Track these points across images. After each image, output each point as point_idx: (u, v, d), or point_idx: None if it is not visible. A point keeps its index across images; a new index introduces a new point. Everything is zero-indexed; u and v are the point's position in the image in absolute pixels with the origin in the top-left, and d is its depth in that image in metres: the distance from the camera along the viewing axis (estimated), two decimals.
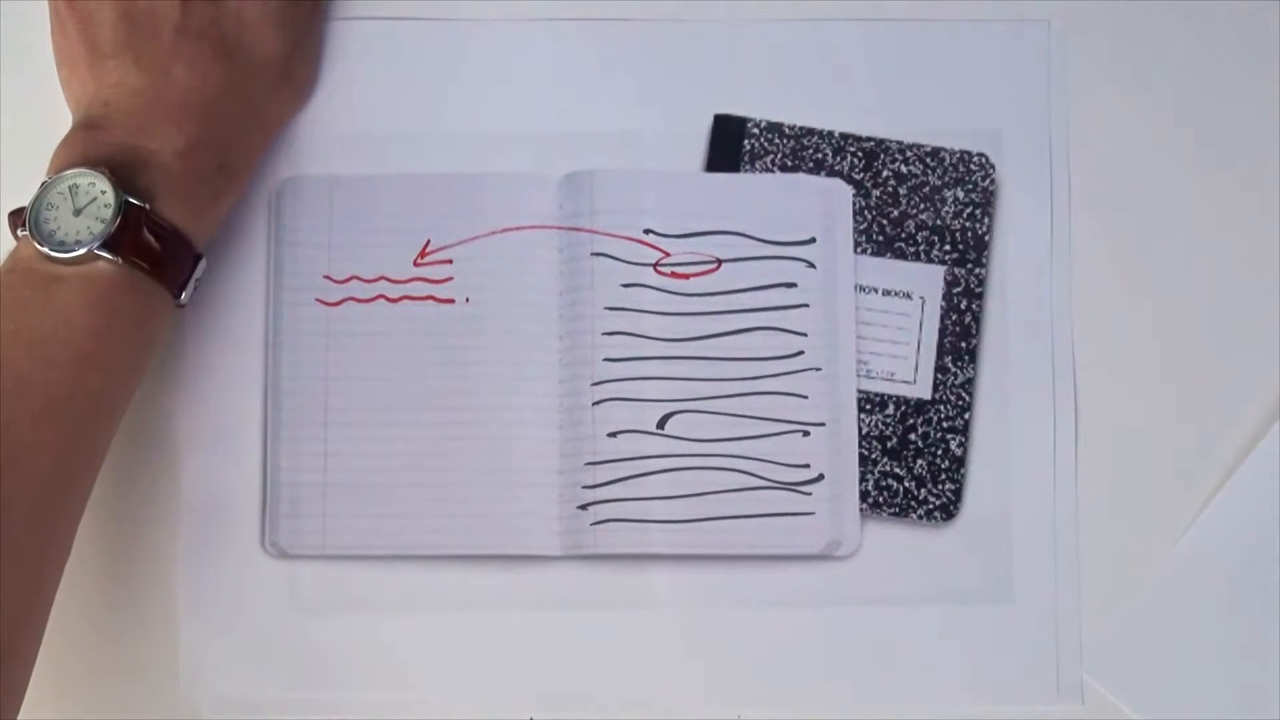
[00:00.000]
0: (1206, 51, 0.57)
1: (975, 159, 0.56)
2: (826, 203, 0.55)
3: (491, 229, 0.55)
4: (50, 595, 0.48)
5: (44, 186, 0.49)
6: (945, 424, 0.55)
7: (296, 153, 0.56)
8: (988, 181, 0.56)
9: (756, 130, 0.56)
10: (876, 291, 0.55)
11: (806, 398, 0.54)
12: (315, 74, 0.56)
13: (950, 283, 0.55)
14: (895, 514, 0.55)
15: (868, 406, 0.55)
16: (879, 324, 0.55)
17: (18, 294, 0.48)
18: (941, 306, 0.55)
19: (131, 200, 0.48)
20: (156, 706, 0.53)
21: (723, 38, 0.57)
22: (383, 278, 0.55)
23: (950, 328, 0.55)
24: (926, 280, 0.55)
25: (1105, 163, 0.56)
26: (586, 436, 0.54)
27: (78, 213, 0.48)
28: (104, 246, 0.48)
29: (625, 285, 0.55)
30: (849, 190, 0.56)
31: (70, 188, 0.49)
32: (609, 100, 0.56)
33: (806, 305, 0.55)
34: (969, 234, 0.56)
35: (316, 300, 0.55)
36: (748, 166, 0.56)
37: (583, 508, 0.54)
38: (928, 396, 0.55)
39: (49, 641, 0.48)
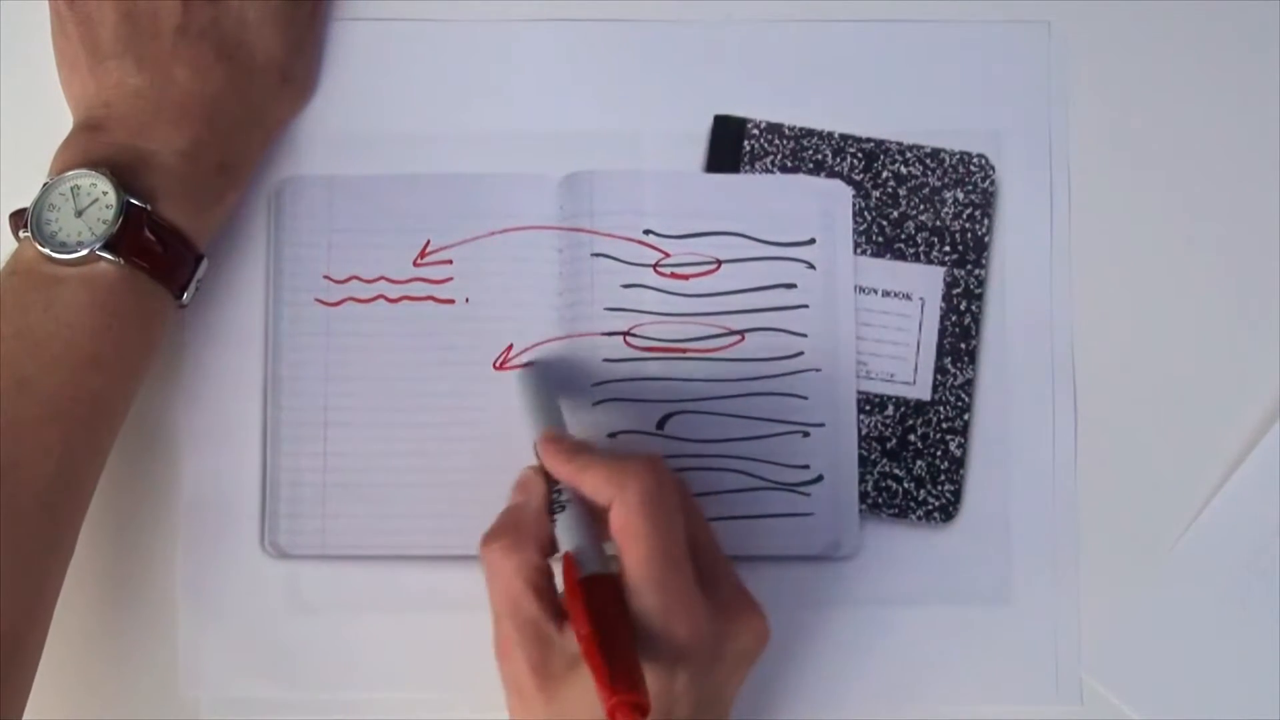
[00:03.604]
0: (1206, 51, 0.57)
1: (975, 160, 0.56)
2: (826, 203, 0.55)
3: (491, 229, 0.55)
4: (54, 595, 0.48)
5: (45, 188, 0.49)
6: (945, 425, 0.55)
7: (296, 153, 0.56)
8: (987, 182, 0.56)
9: (756, 131, 0.56)
10: (876, 292, 0.55)
11: (806, 398, 0.54)
12: (316, 74, 0.56)
13: (950, 284, 0.55)
14: (895, 515, 0.55)
15: (867, 407, 0.55)
16: (879, 325, 0.55)
17: (19, 296, 0.48)
18: (941, 307, 0.55)
19: (133, 201, 0.49)
20: (156, 706, 0.53)
21: (723, 38, 0.57)
22: (383, 278, 0.55)
23: (950, 329, 0.55)
24: (926, 281, 0.55)
25: (1105, 163, 0.56)
26: (586, 436, 0.54)
27: (79, 214, 0.49)
28: (106, 247, 0.48)
29: (625, 286, 0.55)
30: (849, 191, 0.56)
31: (72, 189, 0.49)
32: (609, 100, 0.56)
33: (806, 306, 0.55)
34: (969, 235, 0.56)
35: (316, 300, 0.55)
36: (748, 167, 0.56)
37: None
38: (927, 397, 0.55)
39: (49, 641, 0.48)
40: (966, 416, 0.55)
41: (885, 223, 0.56)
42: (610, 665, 0.40)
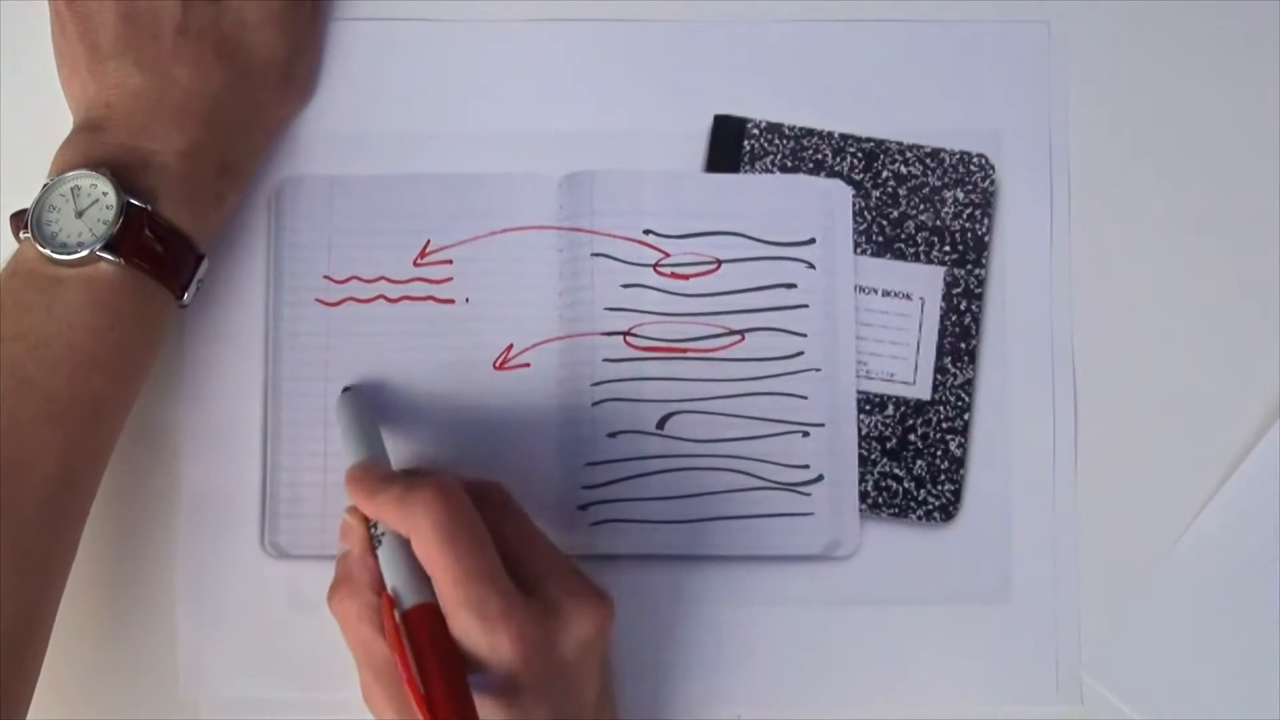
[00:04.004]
0: (1206, 51, 0.57)
1: (975, 159, 0.56)
2: (826, 203, 0.55)
3: (491, 229, 0.55)
4: (57, 596, 0.48)
5: (46, 188, 0.49)
6: (945, 424, 0.55)
7: (296, 153, 0.56)
8: (987, 182, 0.56)
9: (756, 130, 0.56)
10: (876, 292, 0.55)
11: (806, 398, 0.54)
12: (316, 74, 0.56)
13: (950, 283, 0.55)
14: (895, 514, 0.55)
15: (867, 407, 0.55)
16: (879, 324, 0.55)
17: (20, 296, 0.48)
18: (941, 307, 0.55)
19: (133, 201, 0.49)
20: (156, 706, 0.53)
21: (723, 38, 0.57)
22: (383, 278, 0.55)
23: (950, 328, 0.55)
24: (926, 281, 0.55)
25: (1105, 163, 0.56)
26: (586, 437, 0.54)
27: (80, 214, 0.49)
28: (106, 248, 0.48)
29: (625, 286, 0.55)
30: (849, 191, 0.56)
31: (72, 189, 0.49)
32: (609, 100, 0.56)
33: (806, 306, 0.55)
34: (969, 235, 0.56)
35: (316, 300, 0.55)
36: (748, 167, 0.56)
37: (582, 508, 0.54)
38: (927, 397, 0.55)
39: (50, 642, 0.48)
40: (966, 416, 0.55)
41: (885, 222, 0.56)
42: (431, 703, 0.41)
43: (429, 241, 0.55)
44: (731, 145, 0.56)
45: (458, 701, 0.41)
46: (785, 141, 0.56)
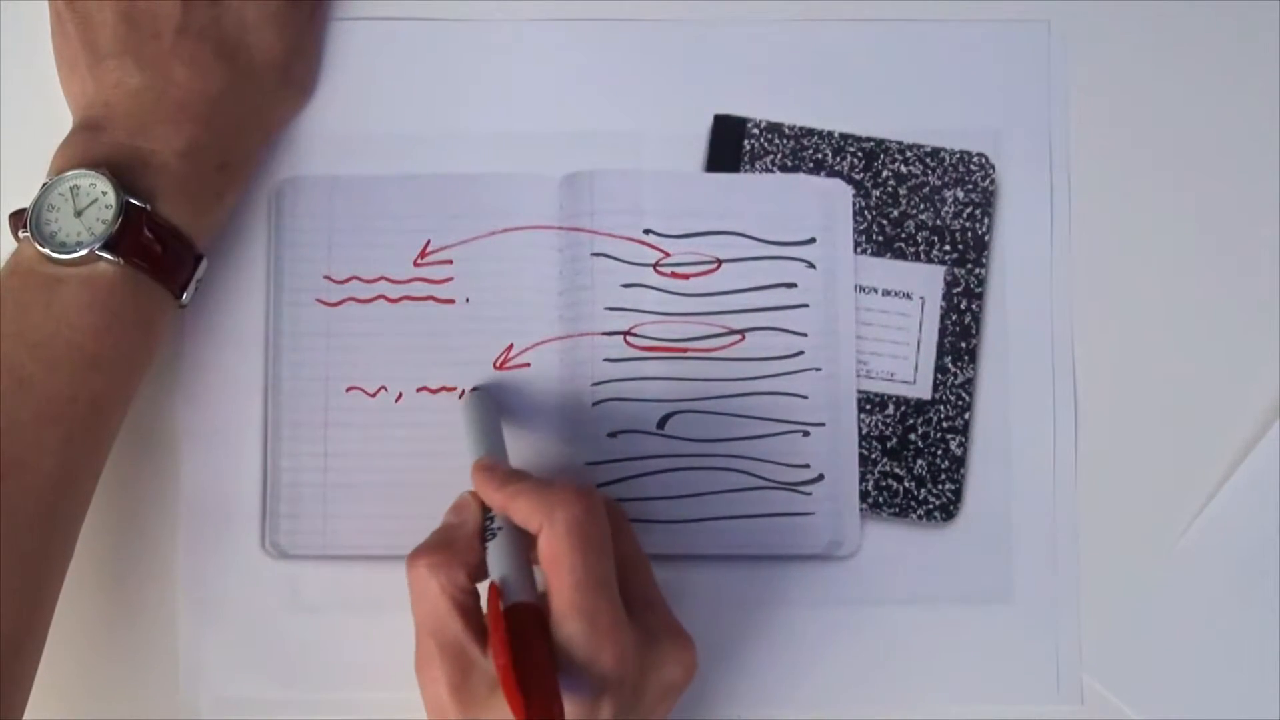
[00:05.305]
0: (1206, 51, 0.57)
1: (975, 159, 0.56)
2: (826, 203, 0.55)
3: (491, 229, 0.55)
4: (54, 595, 0.48)
5: (45, 188, 0.49)
6: (945, 424, 0.55)
7: (296, 153, 0.56)
8: (988, 181, 0.56)
9: (756, 130, 0.56)
10: (876, 291, 0.55)
11: (806, 398, 0.54)
12: (316, 74, 0.56)
13: (950, 283, 0.55)
14: (895, 514, 0.55)
15: (868, 406, 0.55)
16: (879, 324, 0.55)
17: (19, 295, 0.48)
18: (941, 306, 0.55)
19: (133, 201, 0.49)
20: (156, 706, 0.53)
21: (723, 38, 0.57)
22: (383, 278, 0.55)
23: (950, 328, 0.55)
24: (926, 280, 0.55)
25: (1105, 163, 0.56)
26: (586, 436, 0.54)
27: (79, 214, 0.49)
28: (105, 247, 0.48)
29: (625, 285, 0.55)
30: (849, 190, 0.56)
31: (71, 189, 0.49)
32: (609, 100, 0.56)
33: (806, 305, 0.55)
34: (969, 234, 0.56)
35: (316, 300, 0.55)
36: (748, 166, 0.56)
37: None
38: (928, 396, 0.55)
39: (50, 641, 0.48)
40: (967, 415, 0.55)
41: (885, 222, 0.56)
42: (526, 696, 0.40)
43: (429, 241, 0.55)
44: (731, 145, 0.56)
45: (552, 700, 0.41)
46: (785, 141, 0.56)
